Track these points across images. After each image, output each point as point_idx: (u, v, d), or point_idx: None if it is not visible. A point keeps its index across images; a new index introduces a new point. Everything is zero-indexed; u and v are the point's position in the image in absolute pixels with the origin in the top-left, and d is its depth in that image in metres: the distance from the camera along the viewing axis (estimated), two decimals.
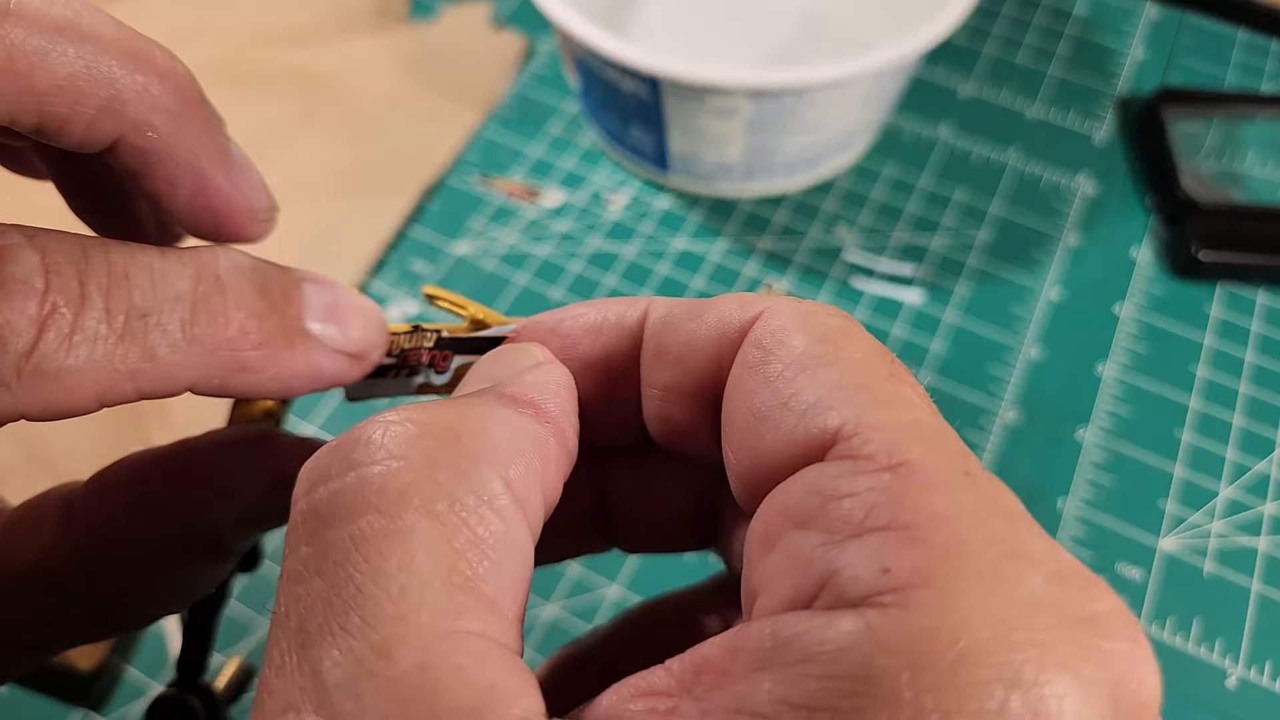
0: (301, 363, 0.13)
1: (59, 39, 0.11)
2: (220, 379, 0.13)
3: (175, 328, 0.12)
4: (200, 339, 0.12)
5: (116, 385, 0.12)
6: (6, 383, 0.11)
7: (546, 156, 0.44)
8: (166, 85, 0.13)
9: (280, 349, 0.13)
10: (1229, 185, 0.42)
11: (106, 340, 0.11)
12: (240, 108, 0.44)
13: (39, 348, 0.11)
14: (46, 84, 0.11)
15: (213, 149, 0.14)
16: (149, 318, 0.12)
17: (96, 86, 0.12)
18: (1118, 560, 0.33)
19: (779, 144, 0.38)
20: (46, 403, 0.11)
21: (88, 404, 0.12)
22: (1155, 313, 0.39)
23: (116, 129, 0.12)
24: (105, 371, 0.11)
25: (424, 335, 0.16)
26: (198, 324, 0.12)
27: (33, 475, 0.34)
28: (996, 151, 0.44)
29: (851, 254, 0.41)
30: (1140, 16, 0.49)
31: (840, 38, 0.46)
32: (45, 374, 0.11)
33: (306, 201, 0.41)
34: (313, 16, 0.48)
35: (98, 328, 0.11)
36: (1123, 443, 0.36)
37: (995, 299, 0.39)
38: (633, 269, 0.40)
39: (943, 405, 0.40)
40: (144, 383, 0.12)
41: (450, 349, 0.16)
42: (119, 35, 0.12)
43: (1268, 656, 0.31)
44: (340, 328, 0.14)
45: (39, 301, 0.11)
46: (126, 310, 0.11)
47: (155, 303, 0.12)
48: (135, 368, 0.12)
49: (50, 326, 0.11)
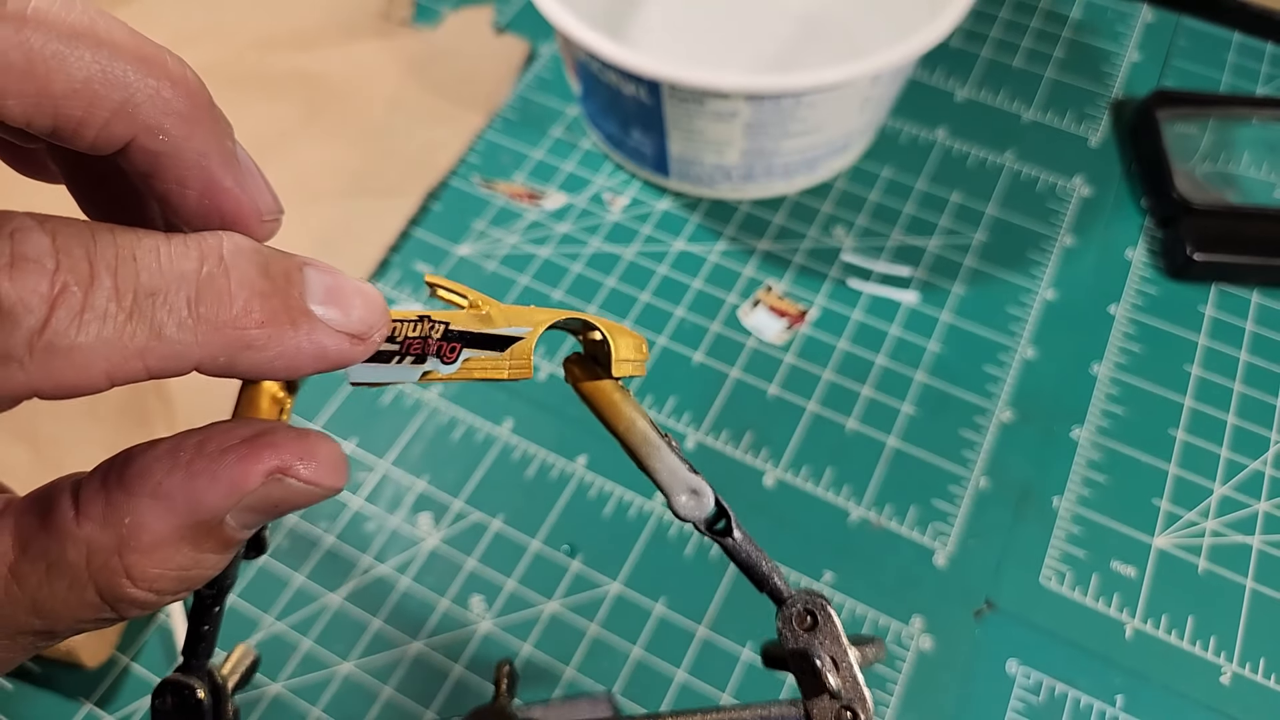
0: (305, 341, 0.14)
1: (76, 44, 0.12)
2: (226, 357, 0.13)
3: (182, 306, 0.12)
4: (206, 317, 0.12)
5: (126, 363, 0.12)
6: (19, 359, 0.11)
7: (548, 159, 0.44)
8: (178, 90, 0.13)
9: (284, 327, 0.13)
10: (1223, 187, 0.42)
11: (115, 318, 0.12)
12: (245, 110, 0.45)
13: (51, 324, 0.11)
14: (64, 87, 0.12)
15: (221, 152, 0.14)
16: (156, 296, 0.12)
17: (111, 90, 0.12)
18: (1112, 558, 0.33)
19: (777, 147, 0.39)
20: (59, 380, 0.12)
21: (98, 381, 0.12)
22: (1150, 313, 0.39)
23: (130, 131, 0.13)
24: (115, 349, 0.12)
25: (432, 325, 0.16)
26: (203, 302, 0.12)
27: (44, 474, 0.34)
28: (993, 154, 0.44)
29: (849, 255, 0.41)
30: (1135, 19, 0.50)
31: (838, 42, 0.46)
32: (58, 350, 0.11)
33: (311, 203, 0.42)
34: (317, 20, 0.49)
35: (107, 305, 0.12)
36: (1117, 442, 0.36)
37: (991, 299, 0.40)
38: (633, 270, 0.41)
39: (939, 405, 0.40)
40: (152, 360, 0.12)
41: (459, 342, 0.16)
42: (133, 41, 0.13)
43: (1261, 653, 0.32)
44: (341, 309, 0.14)
45: (50, 280, 0.11)
46: (135, 289, 0.12)
47: (162, 283, 0.12)
48: (144, 345, 0.12)
49: (61, 304, 0.11)
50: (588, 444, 0.36)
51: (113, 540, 0.14)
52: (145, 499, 0.14)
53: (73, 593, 0.14)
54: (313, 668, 0.31)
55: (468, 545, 0.34)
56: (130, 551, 0.14)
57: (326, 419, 0.37)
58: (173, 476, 0.14)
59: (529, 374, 0.17)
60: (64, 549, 0.14)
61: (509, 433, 0.36)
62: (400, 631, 0.32)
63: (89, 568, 0.14)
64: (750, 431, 0.36)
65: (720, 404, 0.37)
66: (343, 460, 0.16)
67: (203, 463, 0.14)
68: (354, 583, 0.33)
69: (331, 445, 0.15)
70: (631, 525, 0.34)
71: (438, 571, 0.33)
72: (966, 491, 0.35)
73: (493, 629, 0.32)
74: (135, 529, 0.14)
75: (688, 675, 0.31)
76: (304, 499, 0.15)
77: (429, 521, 0.34)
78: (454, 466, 0.35)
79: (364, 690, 0.31)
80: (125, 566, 0.14)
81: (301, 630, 0.32)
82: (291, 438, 0.15)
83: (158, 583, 0.15)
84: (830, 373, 0.38)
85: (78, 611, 0.14)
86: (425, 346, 0.16)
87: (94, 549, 0.14)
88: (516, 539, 0.34)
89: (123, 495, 0.14)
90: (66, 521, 0.14)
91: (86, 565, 0.14)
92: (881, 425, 0.36)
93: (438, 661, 0.32)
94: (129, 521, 0.14)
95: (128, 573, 0.14)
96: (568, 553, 0.34)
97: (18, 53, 0.11)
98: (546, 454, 0.36)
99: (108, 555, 0.14)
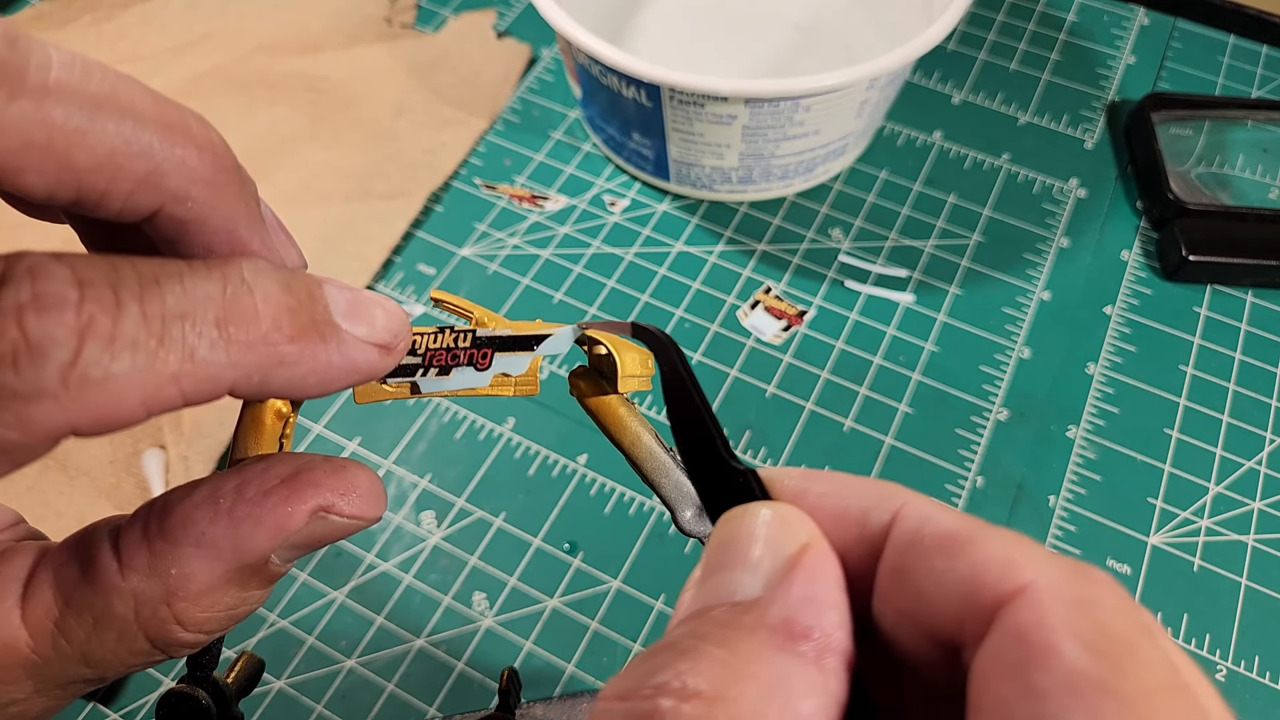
0: (336, 355, 0.13)
1: (98, 115, 0.11)
2: (260, 375, 0.12)
3: (211, 327, 0.12)
4: (237, 336, 0.12)
5: (161, 389, 0.11)
6: (54, 394, 0.11)
7: (549, 162, 0.45)
8: (204, 156, 0.13)
9: (314, 342, 0.13)
10: (1217, 189, 0.43)
11: (147, 344, 0.11)
12: (250, 114, 0.45)
13: (82, 356, 0.11)
14: (87, 161, 0.11)
15: (247, 215, 0.14)
16: (185, 320, 0.12)
17: (136, 161, 0.12)
18: (1108, 556, 0.34)
19: (775, 150, 0.39)
20: (96, 413, 0.11)
21: (135, 411, 0.11)
22: (1145, 313, 0.40)
23: (156, 201, 0.13)
24: (149, 376, 0.11)
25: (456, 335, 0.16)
26: (232, 322, 0.12)
27: (45, 471, 0.35)
28: (989, 156, 0.45)
29: (846, 256, 0.41)
30: (1131, 22, 0.50)
31: (835, 46, 0.47)
32: (92, 382, 0.11)
33: (315, 205, 0.42)
34: (321, 25, 0.49)
35: (137, 333, 0.11)
36: (1113, 441, 0.36)
37: (987, 300, 0.40)
38: (633, 271, 0.41)
39: (935, 404, 0.41)
40: (188, 385, 0.12)
41: (489, 347, 0.16)
42: (156, 108, 0.12)
43: (1256, 651, 0.32)
44: (366, 321, 0.14)
45: (75, 312, 0.11)
46: (163, 314, 0.11)
47: (189, 306, 0.12)
48: (178, 370, 0.11)
49: (90, 336, 0.11)
50: (589, 442, 0.36)
51: (160, 591, 0.14)
52: (189, 548, 0.14)
53: (122, 643, 0.14)
54: (316, 665, 0.32)
55: (470, 543, 0.34)
56: (178, 600, 0.14)
57: (330, 418, 0.37)
58: (216, 525, 0.14)
59: (535, 391, 0.17)
60: (110, 602, 0.14)
61: (511, 431, 0.37)
62: (403, 629, 0.32)
63: (137, 619, 0.14)
64: (749, 430, 0.37)
65: (719, 403, 0.37)
66: (381, 489, 0.15)
67: (245, 508, 0.14)
68: (357, 580, 0.33)
69: (370, 476, 0.15)
70: (632, 523, 0.34)
71: (440, 569, 0.34)
72: (963, 490, 0.35)
73: (494, 626, 0.33)
74: (182, 579, 0.14)
75: None
76: (347, 532, 0.15)
77: (432, 520, 0.35)
78: (456, 465, 0.36)
79: (367, 687, 0.31)
80: (175, 614, 0.14)
81: (305, 627, 0.32)
82: (331, 472, 0.15)
83: (206, 624, 0.15)
84: (828, 373, 0.38)
85: (128, 659, 0.14)
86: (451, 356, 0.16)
87: (141, 601, 0.14)
88: (518, 537, 0.34)
89: (166, 545, 0.14)
90: (110, 574, 0.14)
91: (135, 617, 0.14)
92: (879, 425, 0.37)
93: (440, 658, 0.32)
94: (175, 572, 0.14)
95: (177, 619, 0.14)
96: (569, 550, 0.34)
97: (39, 129, 0.11)
98: (548, 452, 0.36)
99: (156, 606, 0.14)
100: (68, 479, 0.35)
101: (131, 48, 0.48)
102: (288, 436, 0.18)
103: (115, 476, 0.35)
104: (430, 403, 0.38)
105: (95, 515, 0.34)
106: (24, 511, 0.35)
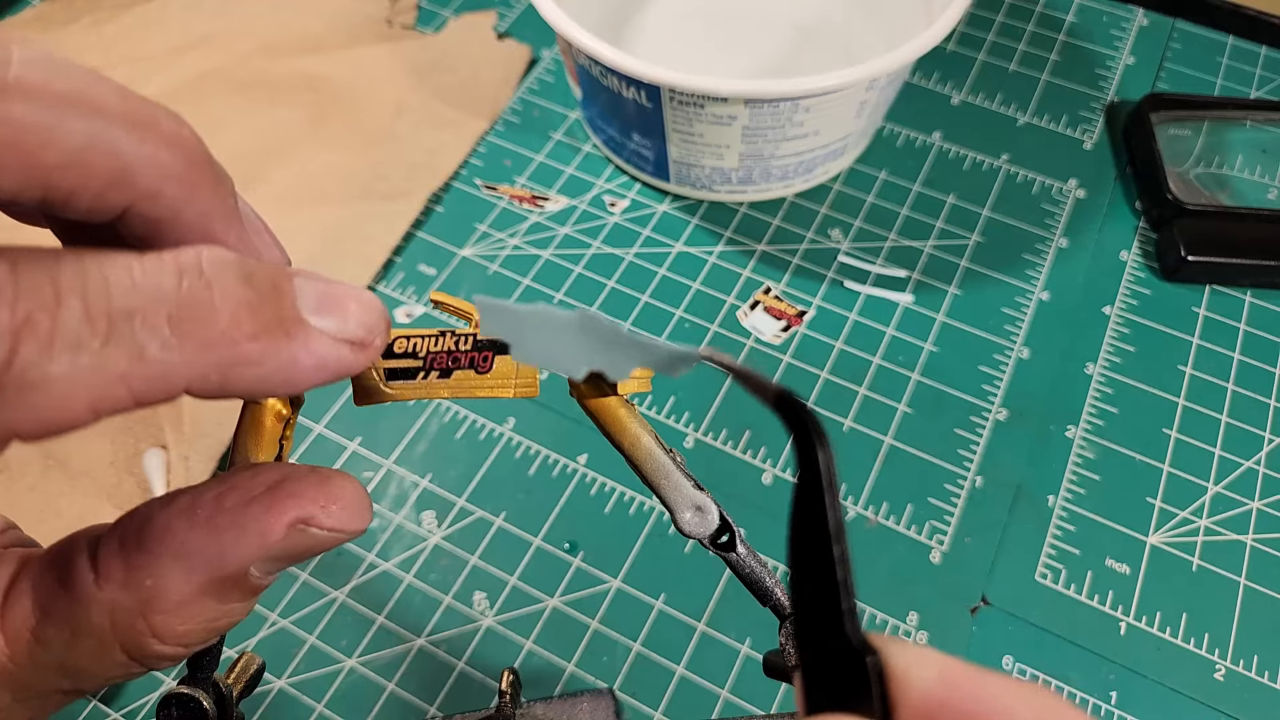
0: (302, 352, 0.13)
1: (65, 113, 0.11)
2: (219, 375, 0.12)
3: (162, 324, 0.11)
4: (191, 334, 0.11)
5: (109, 390, 0.11)
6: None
7: (549, 163, 0.45)
8: (175, 152, 0.12)
9: (278, 339, 0.12)
10: (1216, 189, 0.43)
11: (90, 343, 0.11)
12: (251, 115, 0.45)
13: (19, 357, 0.10)
14: (54, 160, 0.11)
15: (223, 211, 0.13)
16: (134, 317, 0.11)
17: (104, 159, 0.11)
18: (1107, 556, 0.34)
19: (775, 150, 0.39)
20: (37, 416, 0.10)
21: (81, 414, 0.11)
22: (1144, 313, 0.40)
23: (126, 199, 0.12)
24: (95, 376, 0.11)
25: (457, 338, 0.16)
26: (186, 319, 0.11)
27: (46, 472, 0.35)
28: (988, 156, 0.45)
29: (846, 257, 0.42)
30: (1130, 23, 0.50)
31: (835, 47, 0.47)
32: (30, 385, 0.10)
33: (316, 206, 0.42)
34: (322, 26, 0.49)
35: (79, 330, 0.11)
36: (1112, 441, 0.36)
37: (987, 300, 0.40)
38: (633, 271, 0.41)
39: (935, 404, 0.41)
40: (137, 384, 0.11)
41: (490, 350, 0.16)
42: (124, 105, 0.12)
43: (1254, 650, 0.32)
44: (337, 316, 0.13)
45: (9, 309, 0.10)
46: (108, 311, 0.11)
47: (139, 301, 0.11)
48: (125, 370, 0.11)
49: (26, 334, 0.10)
50: (589, 442, 0.36)
51: (136, 602, 0.14)
52: (166, 559, 0.14)
53: (100, 654, 0.14)
54: (316, 664, 0.32)
55: (470, 543, 0.34)
56: (155, 612, 0.14)
57: (330, 418, 0.37)
58: (194, 534, 0.14)
59: (535, 393, 0.17)
60: (87, 612, 0.14)
61: (511, 431, 0.37)
62: (403, 628, 0.32)
63: (113, 630, 0.14)
64: (749, 430, 0.37)
65: (719, 403, 0.37)
66: (365, 500, 0.15)
67: (224, 518, 0.14)
68: (357, 580, 0.33)
69: (353, 486, 0.15)
70: (632, 522, 0.35)
71: (440, 569, 0.34)
72: (962, 490, 0.35)
73: (495, 625, 0.33)
74: (158, 590, 0.13)
75: (687, 670, 0.32)
76: (328, 544, 0.15)
77: (432, 519, 0.35)
78: (457, 465, 0.36)
79: (367, 687, 0.31)
80: (151, 627, 0.14)
81: (305, 627, 0.32)
82: (313, 484, 0.14)
83: (185, 638, 0.14)
84: (827, 373, 0.38)
85: (106, 670, 0.14)
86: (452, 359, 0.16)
87: (117, 612, 0.14)
88: (518, 536, 0.34)
89: (143, 556, 0.14)
90: (86, 584, 0.14)
91: (111, 628, 0.14)
92: (878, 425, 0.37)
93: (441, 658, 0.32)
94: (151, 583, 0.13)
95: (153, 632, 0.14)
96: (569, 550, 0.34)
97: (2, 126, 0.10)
98: (548, 452, 0.36)
99: (132, 617, 0.14)
100: (69, 479, 0.35)
101: (132, 48, 0.48)
102: (288, 438, 0.18)
103: (116, 477, 0.35)
104: (431, 403, 0.38)
105: (96, 515, 0.34)
106: (26, 512, 0.35)
